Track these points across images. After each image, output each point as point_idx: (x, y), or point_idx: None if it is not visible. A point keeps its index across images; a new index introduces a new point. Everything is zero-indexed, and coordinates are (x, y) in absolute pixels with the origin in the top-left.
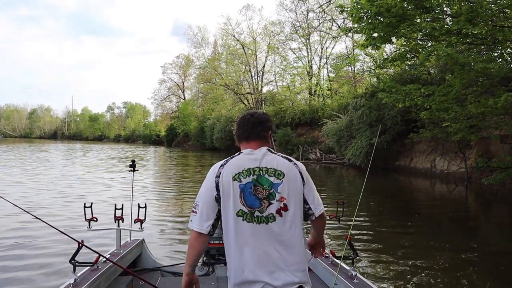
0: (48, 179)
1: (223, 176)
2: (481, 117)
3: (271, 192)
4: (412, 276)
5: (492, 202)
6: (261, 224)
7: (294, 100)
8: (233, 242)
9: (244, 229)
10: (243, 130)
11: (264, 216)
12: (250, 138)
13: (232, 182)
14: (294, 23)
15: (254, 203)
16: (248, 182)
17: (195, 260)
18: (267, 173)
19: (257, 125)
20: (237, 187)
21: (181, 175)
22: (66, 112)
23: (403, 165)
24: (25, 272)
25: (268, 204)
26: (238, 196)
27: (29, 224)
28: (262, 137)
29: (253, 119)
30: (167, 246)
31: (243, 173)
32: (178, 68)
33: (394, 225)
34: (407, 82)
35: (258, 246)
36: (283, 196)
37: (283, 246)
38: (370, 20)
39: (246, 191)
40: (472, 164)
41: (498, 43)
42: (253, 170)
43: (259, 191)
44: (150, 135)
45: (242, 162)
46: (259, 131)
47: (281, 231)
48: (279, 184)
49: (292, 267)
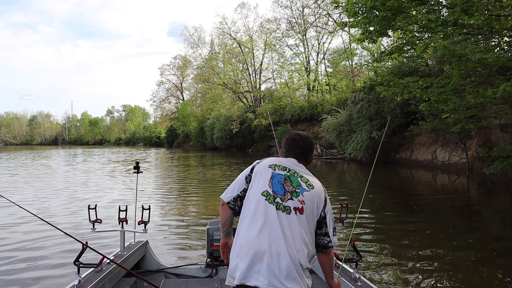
0: (51, 183)
1: (260, 164)
2: (480, 107)
3: (297, 191)
4: (416, 276)
5: (494, 192)
6: (279, 211)
7: (293, 96)
8: (249, 218)
9: (263, 209)
10: (292, 150)
11: (283, 205)
12: (294, 156)
13: (267, 168)
14: (290, 20)
15: (280, 191)
16: (281, 174)
17: (223, 227)
18: (300, 178)
19: (307, 152)
20: (270, 172)
21: (183, 177)
22: (65, 118)
23: (404, 157)
24: (30, 273)
25: (289, 198)
26: (268, 179)
27: (34, 226)
28: (306, 160)
29: (304, 145)
30: (170, 248)
31: (279, 166)
32: (175, 69)
33: (397, 221)
34: (405, 74)
35: (270, 227)
36: (303, 200)
37: (288, 238)
38: (365, 14)
39: (275, 178)
40: (473, 154)
41: (494, 32)
42: (288, 169)
43: (287, 184)
44: (151, 137)
45: (283, 161)
46: (307, 156)
47: (292, 225)
48: (306, 190)
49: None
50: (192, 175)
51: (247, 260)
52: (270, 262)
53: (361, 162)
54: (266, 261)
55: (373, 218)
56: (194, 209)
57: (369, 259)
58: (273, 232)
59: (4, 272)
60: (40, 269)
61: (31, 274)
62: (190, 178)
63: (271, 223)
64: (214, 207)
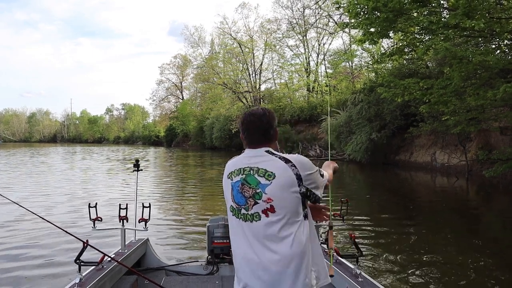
0: (51, 182)
1: (224, 174)
2: (480, 110)
3: (258, 191)
4: (416, 273)
5: (493, 194)
6: (247, 222)
7: (293, 97)
8: (231, 235)
9: (234, 224)
10: (246, 135)
11: (250, 214)
12: (253, 144)
13: (227, 179)
14: (290, 20)
15: (240, 201)
16: (237, 181)
17: None
18: (257, 173)
19: (268, 131)
20: (228, 183)
21: (182, 175)
22: (65, 115)
23: (403, 159)
24: (31, 272)
25: (253, 203)
26: (229, 192)
27: (35, 225)
28: (265, 141)
29: (262, 125)
30: (171, 246)
31: (234, 172)
32: (175, 68)
33: (397, 221)
34: (405, 76)
35: (245, 242)
36: (270, 198)
37: (264, 246)
38: (367, 15)
39: (234, 189)
40: (473, 156)
41: (495, 35)
42: (243, 170)
43: (245, 189)
44: (150, 136)
45: (238, 162)
46: (268, 136)
47: (265, 231)
48: (267, 185)
49: (270, 267)
50: (192, 174)
51: (237, 277)
52: (248, 278)
53: (360, 163)
54: (245, 277)
55: (372, 219)
56: (195, 207)
57: (370, 255)
58: (245, 245)
59: (5, 271)
60: (41, 268)
61: (32, 272)
62: (190, 177)
63: (242, 237)
64: (214, 205)
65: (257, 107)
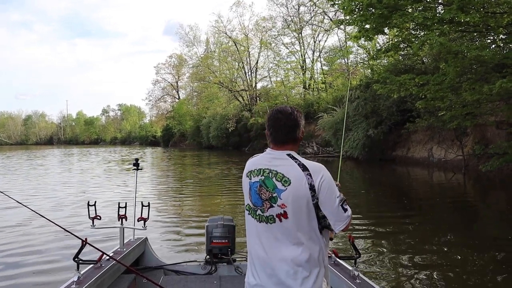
0: (49, 183)
1: (244, 171)
2: (476, 104)
3: (274, 196)
4: (414, 273)
5: (490, 189)
6: (262, 223)
7: (289, 95)
8: (247, 232)
9: (250, 223)
10: (270, 132)
11: (265, 216)
12: (277, 143)
13: (245, 177)
14: (285, 18)
15: (257, 202)
16: (256, 182)
17: None
18: (275, 177)
19: (293, 130)
20: (247, 182)
21: (181, 175)
22: (61, 117)
23: (400, 155)
24: (29, 269)
25: (269, 206)
26: (247, 191)
27: (34, 223)
28: (289, 140)
29: (289, 123)
30: (170, 245)
31: (254, 172)
32: (171, 68)
33: (394, 218)
34: (401, 72)
35: (258, 242)
36: (284, 204)
37: (276, 248)
38: (362, 12)
39: (252, 189)
40: (469, 151)
41: (490, 29)
42: (263, 171)
43: (263, 191)
44: (146, 136)
45: (258, 161)
46: (294, 135)
47: (278, 235)
48: (283, 191)
49: (280, 270)
50: (190, 174)
51: (249, 273)
52: (260, 276)
53: (357, 160)
54: (258, 275)
55: (370, 215)
56: (193, 206)
57: (368, 256)
58: (258, 246)
59: (4, 268)
60: (39, 265)
61: (31, 270)
62: (189, 176)
63: (256, 237)
64: (213, 205)
65: (285, 105)
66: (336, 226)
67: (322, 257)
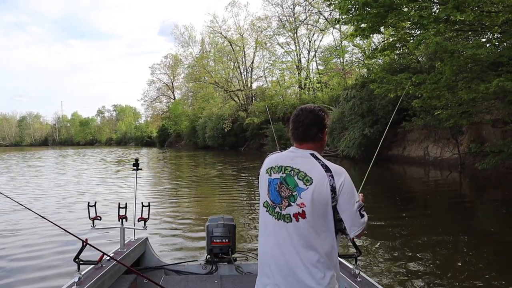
0: (48, 183)
1: (261, 169)
2: (472, 103)
3: (294, 194)
4: (414, 270)
5: (486, 187)
6: (280, 221)
7: (285, 94)
8: (261, 229)
9: (267, 220)
10: (291, 128)
11: (283, 214)
12: (297, 139)
13: (265, 174)
14: (281, 18)
15: (276, 199)
16: (276, 179)
17: None
18: (297, 175)
19: (312, 128)
20: (266, 178)
21: (179, 175)
22: (56, 118)
23: (396, 154)
24: (30, 270)
25: (287, 204)
26: (266, 187)
27: (34, 224)
28: (307, 138)
29: (307, 121)
30: (170, 245)
31: (275, 168)
32: (166, 68)
33: (392, 217)
34: (397, 71)
35: (274, 240)
36: (303, 203)
37: (292, 247)
38: (358, 11)
39: (271, 185)
40: (465, 149)
41: (485, 28)
42: (284, 168)
43: (283, 189)
44: (142, 136)
45: (279, 158)
46: (311, 134)
47: (294, 235)
48: (304, 190)
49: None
50: (188, 174)
51: (263, 273)
52: (275, 275)
53: (354, 159)
54: (272, 275)
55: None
56: (194, 206)
57: (368, 254)
58: (274, 244)
59: (4, 269)
60: (40, 266)
61: (31, 271)
62: (187, 176)
63: (273, 235)
64: (213, 205)
65: (310, 104)
66: (352, 231)
67: (335, 260)
